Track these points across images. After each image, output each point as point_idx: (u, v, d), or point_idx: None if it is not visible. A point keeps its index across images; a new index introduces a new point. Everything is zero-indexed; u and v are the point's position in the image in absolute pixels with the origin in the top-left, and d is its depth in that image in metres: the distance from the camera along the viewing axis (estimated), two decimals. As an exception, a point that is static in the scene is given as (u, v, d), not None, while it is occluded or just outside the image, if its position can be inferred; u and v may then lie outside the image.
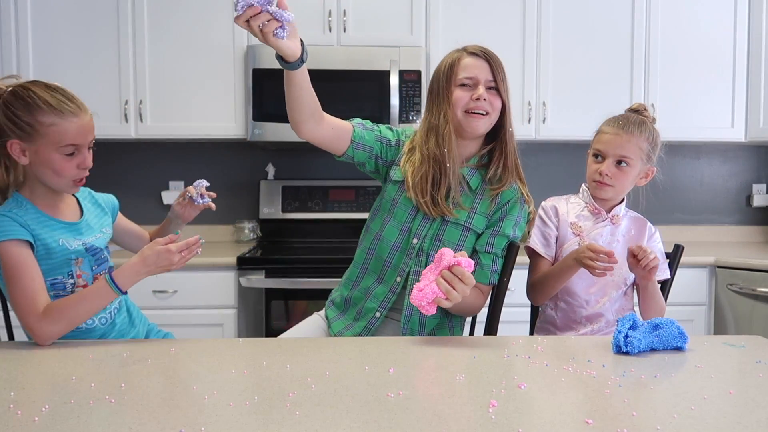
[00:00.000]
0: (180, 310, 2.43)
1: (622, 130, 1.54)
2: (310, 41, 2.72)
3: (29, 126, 1.22)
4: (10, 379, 1.02)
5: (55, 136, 1.23)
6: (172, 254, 1.26)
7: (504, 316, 1.64)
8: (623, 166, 1.55)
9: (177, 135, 2.77)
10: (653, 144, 1.57)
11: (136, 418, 0.85)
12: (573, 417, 0.86)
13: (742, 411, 0.90)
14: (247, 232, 3.00)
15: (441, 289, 1.23)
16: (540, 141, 2.85)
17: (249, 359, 1.14)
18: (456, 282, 1.22)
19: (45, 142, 1.23)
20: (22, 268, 1.23)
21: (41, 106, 1.22)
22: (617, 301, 1.62)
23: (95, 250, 1.40)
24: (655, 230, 1.67)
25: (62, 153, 1.25)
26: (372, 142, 1.54)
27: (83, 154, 1.28)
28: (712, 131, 2.87)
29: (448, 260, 1.24)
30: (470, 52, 1.49)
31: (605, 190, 1.58)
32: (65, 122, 1.23)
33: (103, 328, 1.39)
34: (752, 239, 3.24)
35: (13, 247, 1.23)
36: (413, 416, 0.85)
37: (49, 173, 1.27)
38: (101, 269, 1.42)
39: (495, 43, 2.83)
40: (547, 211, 1.66)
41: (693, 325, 2.56)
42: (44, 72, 2.68)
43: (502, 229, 1.51)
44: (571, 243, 1.62)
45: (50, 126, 1.22)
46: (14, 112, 1.23)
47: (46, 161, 1.25)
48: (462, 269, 1.23)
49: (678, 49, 2.83)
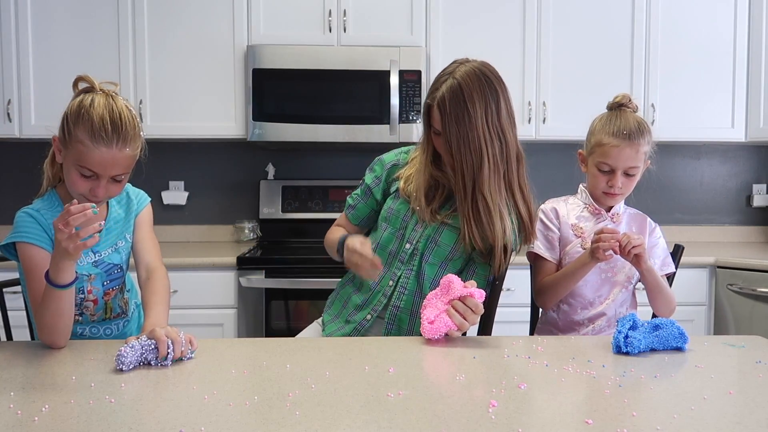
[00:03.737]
0: (180, 310, 2.42)
1: (627, 141, 1.52)
2: (310, 41, 2.73)
3: (67, 133, 1.24)
4: (10, 379, 1.02)
5: (77, 154, 1.23)
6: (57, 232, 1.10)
7: (504, 316, 1.65)
8: (631, 176, 1.57)
9: (177, 135, 2.77)
10: (652, 143, 1.58)
11: (136, 418, 0.85)
12: (573, 417, 0.86)
13: (742, 411, 0.90)
14: (247, 232, 3.00)
15: (454, 322, 1.23)
16: (540, 141, 2.85)
17: (249, 359, 1.14)
18: (469, 314, 1.23)
19: (69, 154, 1.24)
20: (34, 271, 1.23)
21: (82, 123, 1.22)
22: (621, 302, 1.61)
23: (107, 266, 1.37)
24: (656, 225, 1.67)
25: (79, 171, 1.24)
26: (368, 206, 1.57)
27: (100, 183, 1.25)
28: (712, 131, 2.87)
29: (459, 291, 1.24)
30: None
31: (615, 199, 1.60)
32: (92, 148, 1.22)
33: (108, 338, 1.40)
34: (752, 239, 3.24)
35: (30, 250, 1.24)
36: (413, 416, 0.85)
37: (67, 180, 1.28)
38: (113, 285, 1.39)
39: (495, 43, 2.86)
40: (547, 213, 1.66)
41: (693, 325, 2.56)
42: (44, 72, 2.68)
43: None
44: (573, 245, 1.61)
45: (78, 143, 1.22)
46: (67, 114, 1.25)
47: (67, 170, 1.26)
48: (475, 301, 1.23)
49: (678, 49, 2.83)
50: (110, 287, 1.38)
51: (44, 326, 1.18)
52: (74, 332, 1.35)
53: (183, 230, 3.11)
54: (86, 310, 1.36)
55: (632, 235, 1.44)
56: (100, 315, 1.38)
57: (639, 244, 1.44)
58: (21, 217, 1.28)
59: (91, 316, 1.37)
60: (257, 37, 2.73)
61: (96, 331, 1.39)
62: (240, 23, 2.72)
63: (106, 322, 1.40)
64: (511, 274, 2.09)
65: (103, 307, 1.38)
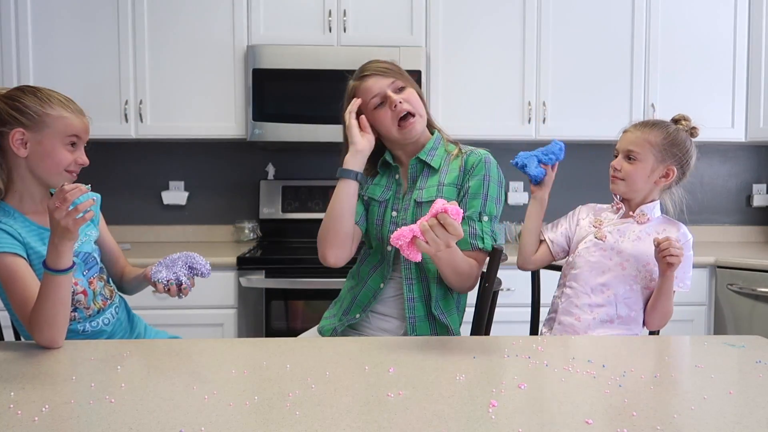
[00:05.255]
0: (180, 310, 2.42)
1: (635, 127, 1.63)
2: (310, 41, 2.73)
3: (38, 116, 1.29)
4: (10, 379, 1.02)
5: (62, 126, 1.30)
6: (53, 212, 1.11)
7: (504, 316, 1.64)
8: (632, 160, 1.60)
9: (177, 135, 2.77)
10: (668, 142, 1.58)
11: (136, 418, 0.85)
12: (573, 417, 0.86)
13: (742, 411, 0.90)
14: (247, 232, 3.00)
15: (420, 230, 1.19)
16: (540, 141, 2.84)
17: (249, 359, 1.14)
18: (437, 227, 1.18)
19: (51, 132, 1.30)
20: (15, 279, 1.22)
21: (48, 101, 1.31)
22: (626, 297, 1.59)
23: (84, 255, 1.39)
24: (690, 239, 1.63)
25: (66, 143, 1.31)
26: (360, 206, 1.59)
27: (81, 150, 1.35)
28: (712, 131, 2.87)
29: (436, 208, 1.19)
30: (365, 75, 1.55)
31: (617, 183, 1.63)
32: (72, 116, 1.32)
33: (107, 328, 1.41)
34: (752, 239, 3.24)
35: (5, 259, 1.23)
36: (413, 416, 0.85)
37: (47, 164, 1.31)
38: (92, 274, 1.41)
39: (495, 43, 2.86)
40: (575, 210, 1.76)
41: (693, 325, 2.56)
42: (44, 72, 2.68)
43: (471, 189, 1.50)
44: (588, 236, 1.66)
45: (58, 118, 1.30)
46: (23, 102, 1.29)
47: (49, 151, 1.30)
48: (446, 216, 1.17)
49: (678, 49, 2.83)
50: (90, 276, 1.40)
51: (43, 322, 1.17)
52: (74, 330, 1.35)
53: (183, 230, 3.11)
54: (79, 304, 1.36)
55: (677, 245, 1.47)
56: (93, 309, 1.39)
57: (677, 254, 1.46)
58: None
59: (85, 309, 1.38)
60: (257, 37, 2.73)
61: (96, 325, 1.39)
62: (240, 23, 2.72)
63: (101, 313, 1.41)
64: (512, 274, 2.10)
65: (92, 296, 1.39)
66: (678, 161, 1.60)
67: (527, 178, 1.64)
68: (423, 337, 1.48)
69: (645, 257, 1.58)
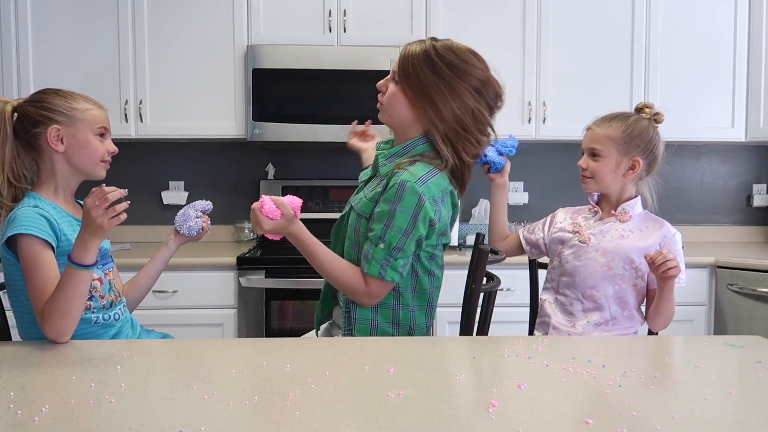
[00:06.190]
0: (180, 310, 2.43)
1: (595, 124, 1.64)
2: (310, 41, 2.73)
3: (68, 112, 1.37)
4: (10, 379, 1.02)
5: (90, 118, 1.40)
6: (91, 209, 1.16)
7: (504, 316, 1.64)
8: (596, 157, 1.61)
9: (177, 135, 2.77)
10: (628, 134, 1.58)
11: (136, 418, 0.85)
12: (573, 417, 0.86)
13: (742, 411, 0.90)
14: (247, 232, 3.00)
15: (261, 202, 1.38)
16: (540, 141, 2.84)
17: (249, 359, 1.14)
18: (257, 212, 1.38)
19: (83, 125, 1.38)
20: (39, 265, 1.24)
21: (75, 96, 1.41)
22: (616, 296, 1.60)
23: (102, 251, 1.42)
24: (675, 233, 1.63)
25: (96, 134, 1.40)
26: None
27: (109, 140, 1.44)
28: (712, 131, 2.87)
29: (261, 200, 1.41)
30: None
31: (586, 182, 1.65)
32: (96, 108, 1.43)
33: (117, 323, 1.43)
34: (752, 239, 3.24)
35: (33, 244, 1.25)
36: (413, 416, 0.85)
37: (84, 155, 1.39)
38: (107, 267, 1.45)
39: (495, 43, 2.85)
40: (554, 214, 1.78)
41: (693, 325, 2.56)
42: (44, 72, 2.68)
43: (377, 212, 1.37)
44: (571, 239, 1.66)
45: (86, 111, 1.40)
46: (50, 102, 1.37)
47: (84, 143, 1.38)
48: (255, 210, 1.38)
49: (678, 49, 2.83)
50: (106, 269, 1.44)
51: (56, 312, 1.19)
52: (87, 319, 1.36)
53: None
54: (95, 291, 1.38)
55: (669, 255, 1.46)
56: (107, 298, 1.42)
57: (674, 265, 1.46)
58: (25, 211, 1.28)
59: (100, 299, 1.40)
60: (257, 37, 2.73)
61: (108, 318, 1.42)
62: (240, 23, 2.72)
63: (113, 307, 1.44)
64: (511, 274, 2.10)
65: (108, 286, 1.43)
66: (642, 151, 1.59)
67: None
68: (423, 337, 1.48)
69: (630, 255, 1.58)
